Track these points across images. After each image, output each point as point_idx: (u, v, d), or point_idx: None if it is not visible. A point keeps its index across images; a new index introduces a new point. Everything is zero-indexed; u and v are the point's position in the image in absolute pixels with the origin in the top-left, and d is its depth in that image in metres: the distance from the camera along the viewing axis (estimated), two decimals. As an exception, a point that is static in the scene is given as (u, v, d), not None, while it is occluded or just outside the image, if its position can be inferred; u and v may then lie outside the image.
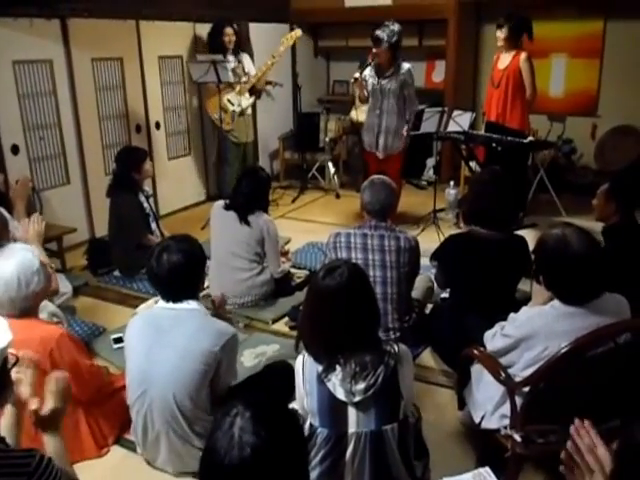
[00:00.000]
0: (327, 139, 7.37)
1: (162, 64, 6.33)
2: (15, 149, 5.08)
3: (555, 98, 7.15)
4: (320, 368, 2.10)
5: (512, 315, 2.59)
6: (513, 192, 3.73)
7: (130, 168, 4.73)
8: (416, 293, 3.88)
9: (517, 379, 2.42)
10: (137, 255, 4.80)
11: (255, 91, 6.43)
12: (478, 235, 3.43)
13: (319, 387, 2.10)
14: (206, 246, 3.37)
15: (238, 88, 6.28)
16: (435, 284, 3.96)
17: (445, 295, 3.94)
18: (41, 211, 5.14)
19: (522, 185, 5.82)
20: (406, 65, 5.44)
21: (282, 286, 4.49)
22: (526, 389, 2.36)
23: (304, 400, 2.15)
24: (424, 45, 7.64)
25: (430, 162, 7.53)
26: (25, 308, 2.63)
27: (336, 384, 2.07)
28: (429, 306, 4.04)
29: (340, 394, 2.07)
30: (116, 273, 4.97)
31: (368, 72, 5.51)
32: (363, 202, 3.52)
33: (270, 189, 4.51)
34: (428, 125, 5.35)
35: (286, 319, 4.22)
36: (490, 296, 3.33)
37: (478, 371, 2.73)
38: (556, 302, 2.42)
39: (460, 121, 5.42)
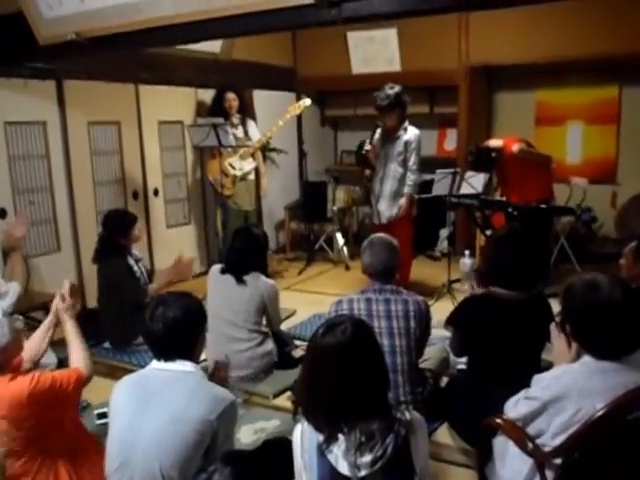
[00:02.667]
0: (335, 208, 7.12)
1: (162, 129, 6.18)
2: (2, 213, 4.86)
3: (573, 166, 6.90)
4: (321, 438, 1.87)
5: (537, 376, 2.27)
6: (534, 251, 3.42)
7: (117, 234, 4.47)
8: (430, 363, 3.55)
9: (547, 449, 2.08)
10: (129, 324, 4.47)
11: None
12: (497, 296, 3.10)
13: (319, 460, 1.87)
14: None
15: (241, 152, 6.08)
16: (451, 354, 3.60)
17: (462, 366, 3.57)
18: (28, 278, 4.87)
19: (544, 254, 5.48)
20: (413, 130, 5.26)
21: (285, 358, 4.15)
22: (558, 461, 2.04)
23: (302, 475, 1.92)
24: (435, 112, 7.48)
25: (444, 233, 7.25)
26: None
27: (339, 456, 1.84)
28: (444, 379, 3.68)
29: (343, 468, 1.83)
30: (106, 345, 4.64)
31: (377, 137, 5.39)
32: (364, 264, 3.27)
33: (267, 248, 4.23)
34: (439, 188, 5.09)
35: (289, 393, 3.82)
36: (512, 364, 2.98)
37: (501, 444, 2.38)
38: (586, 357, 2.12)
39: (473, 183, 5.12)
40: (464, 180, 5.16)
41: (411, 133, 5.25)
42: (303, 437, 1.94)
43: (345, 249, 6.88)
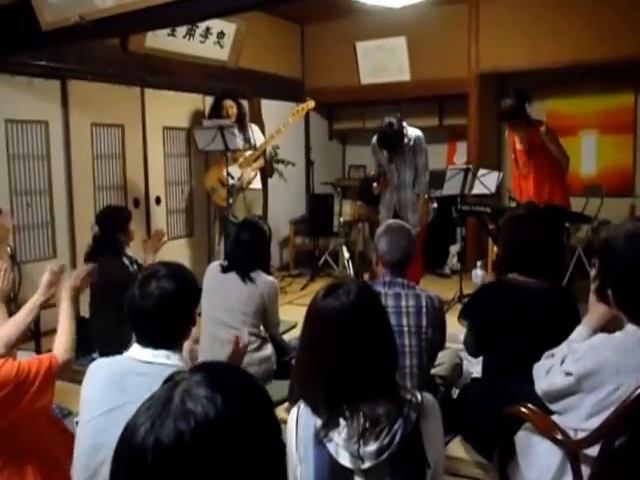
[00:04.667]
0: (341, 220, 6.92)
1: (167, 135, 6.04)
2: (-1, 214, 4.67)
3: (588, 178, 6.68)
4: (319, 423, 1.60)
5: (574, 345, 2.00)
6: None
7: (116, 229, 4.28)
8: (442, 369, 3.31)
9: (580, 435, 1.82)
10: (124, 329, 4.27)
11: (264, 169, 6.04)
12: (515, 284, 2.83)
13: (317, 450, 1.60)
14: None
15: (240, 160, 5.87)
16: (464, 360, 3.43)
17: (477, 375, 3.32)
18: (19, 285, 4.66)
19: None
20: (413, 131, 5.09)
21: (284, 367, 3.87)
22: (593, 452, 1.76)
23: (297, 470, 1.62)
24: (444, 125, 7.35)
25: (454, 249, 7.02)
26: None
27: (339, 445, 1.57)
28: (456, 391, 3.43)
29: (344, 459, 1.56)
30: (95, 355, 4.38)
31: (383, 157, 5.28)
32: (379, 252, 2.96)
33: (271, 242, 4.03)
34: (451, 187, 4.90)
35: (287, 405, 3.47)
36: (532, 360, 2.60)
37: (525, 439, 2.13)
38: (629, 326, 1.84)
39: (486, 182, 4.93)
40: (477, 179, 4.97)
41: (412, 135, 5.08)
42: (299, 422, 1.68)
43: (350, 263, 6.64)
